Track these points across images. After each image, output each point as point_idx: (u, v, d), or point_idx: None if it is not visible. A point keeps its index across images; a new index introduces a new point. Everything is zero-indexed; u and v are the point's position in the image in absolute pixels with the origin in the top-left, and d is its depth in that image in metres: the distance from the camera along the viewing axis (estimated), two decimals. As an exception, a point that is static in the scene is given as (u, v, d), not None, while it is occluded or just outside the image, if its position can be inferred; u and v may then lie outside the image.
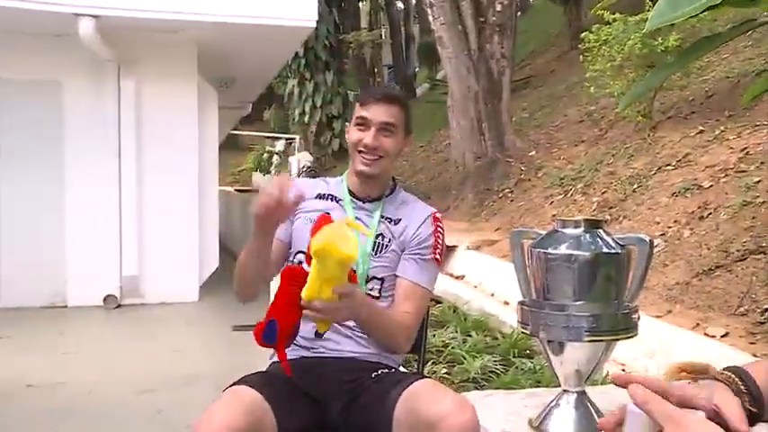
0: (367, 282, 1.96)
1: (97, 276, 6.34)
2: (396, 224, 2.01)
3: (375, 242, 1.98)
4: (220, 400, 1.67)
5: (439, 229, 2.03)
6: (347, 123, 2.07)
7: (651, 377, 1.05)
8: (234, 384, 1.73)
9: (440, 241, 2.02)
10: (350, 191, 2.04)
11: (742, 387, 1.01)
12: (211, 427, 1.57)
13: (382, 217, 2.01)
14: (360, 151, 1.96)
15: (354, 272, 1.84)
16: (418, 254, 1.99)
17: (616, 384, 1.03)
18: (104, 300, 6.30)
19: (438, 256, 2.02)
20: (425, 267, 1.99)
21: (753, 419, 0.99)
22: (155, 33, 6.23)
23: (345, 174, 2.10)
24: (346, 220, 1.78)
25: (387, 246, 1.98)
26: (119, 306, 6.31)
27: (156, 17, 5.84)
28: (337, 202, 2.03)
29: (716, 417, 0.89)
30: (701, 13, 1.99)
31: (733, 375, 1.03)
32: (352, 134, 1.99)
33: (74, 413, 3.59)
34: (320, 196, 2.04)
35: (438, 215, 2.06)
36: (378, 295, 1.96)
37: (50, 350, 4.89)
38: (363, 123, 1.96)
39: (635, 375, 1.10)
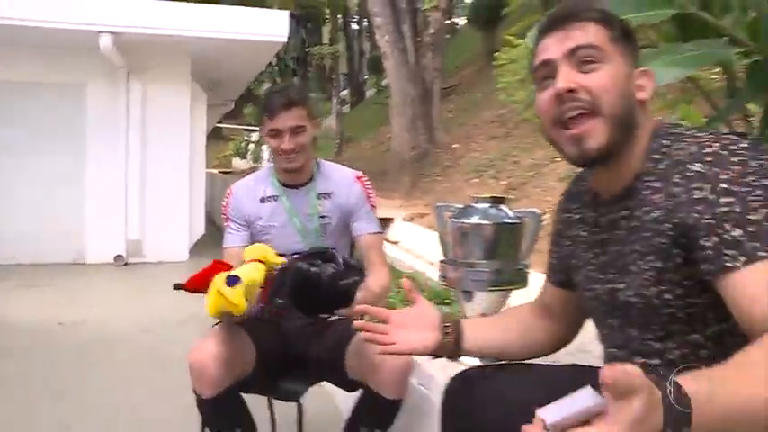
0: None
1: (109, 240, 6.27)
2: (329, 198, 1.85)
3: (321, 224, 1.83)
4: (209, 334, 1.64)
5: (365, 185, 1.90)
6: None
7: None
8: (219, 323, 1.67)
9: (370, 192, 1.90)
10: (282, 183, 1.86)
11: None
12: (202, 353, 1.57)
13: (318, 195, 1.84)
14: (280, 154, 1.77)
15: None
16: (360, 212, 1.87)
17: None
18: (115, 258, 6.24)
19: (373, 204, 1.90)
20: (370, 217, 1.89)
21: None
22: (158, 45, 6.14)
23: (271, 169, 1.89)
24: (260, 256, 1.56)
25: (329, 224, 1.84)
26: (126, 264, 6.24)
27: (160, 32, 5.81)
28: (276, 200, 1.84)
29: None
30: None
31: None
32: (270, 142, 1.78)
33: (94, 346, 3.60)
34: (263, 200, 1.85)
35: (359, 175, 1.90)
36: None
37: (75, 297, 4.85)
38: (277, 134, 1.75)
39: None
